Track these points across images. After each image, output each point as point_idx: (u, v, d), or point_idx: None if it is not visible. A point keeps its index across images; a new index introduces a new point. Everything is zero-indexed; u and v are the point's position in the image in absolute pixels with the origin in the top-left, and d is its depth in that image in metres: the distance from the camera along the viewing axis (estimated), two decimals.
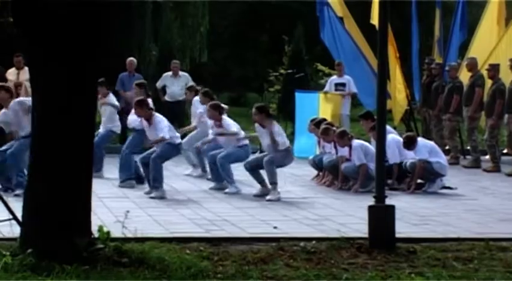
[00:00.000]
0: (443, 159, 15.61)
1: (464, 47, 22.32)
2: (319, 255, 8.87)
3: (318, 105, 20.47)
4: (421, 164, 15.16)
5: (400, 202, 11.02)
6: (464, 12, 22.25)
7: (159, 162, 14.49)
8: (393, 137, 15.97)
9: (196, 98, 17.54)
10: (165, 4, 27.70)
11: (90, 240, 8.44)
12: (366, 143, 15.68)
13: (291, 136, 19.68)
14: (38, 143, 8.72)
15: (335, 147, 15.64)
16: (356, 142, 15.56)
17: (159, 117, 14.94)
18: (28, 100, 11.95)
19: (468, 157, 19.69)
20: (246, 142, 15.51)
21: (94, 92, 8.96)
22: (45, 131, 8.63)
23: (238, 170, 15.34)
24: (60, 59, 8.47)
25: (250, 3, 34.93)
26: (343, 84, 21.45)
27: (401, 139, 15.83)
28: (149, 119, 14.84)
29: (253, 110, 14.98)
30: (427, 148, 15.55)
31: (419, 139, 16.08)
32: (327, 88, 22.02)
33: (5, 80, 21.48)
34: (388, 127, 15.88)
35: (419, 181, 15.34)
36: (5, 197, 10.55)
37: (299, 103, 20.59)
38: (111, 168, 16.47)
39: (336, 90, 21.51)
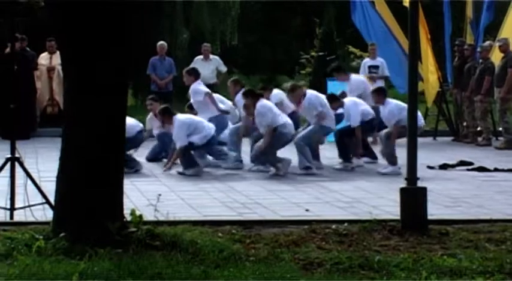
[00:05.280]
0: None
1: (496, 28, 22.22)
2: (351, 237, 8.86)
3: None
4: (397, 128, 15.20)
5: (432, 184, 11.00)
6: None
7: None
8: (354, 101, 16.37)
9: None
10: None
11: (123, 223, 8.45)
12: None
13: None
14: (69, 127, 8.74)
15: None
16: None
17: (178, 122, 15.28)
18: None
19: (500, 138, 19.62)
20: None
21: (124, 76, 8.94)
22: (77, 116, 8.66)
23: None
24: (89, 43, 8.48)
25: None
26: (377, 67, 21.38)
27: (362, 103, 16.31)
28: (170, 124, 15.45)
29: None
30: (397, 108, 15.54)
31: (390, 100, 16.18)
32: (361, 71, 21.97)
33: (37, 64, 21.68)
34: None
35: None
36: (37, 181, 10.69)
37: (331, 89, 20.51)
38: (143, 152, 16.52)
39: (370, 72, 21.48)
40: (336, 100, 16.18)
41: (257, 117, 15.11)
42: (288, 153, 15.51)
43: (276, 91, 17.22)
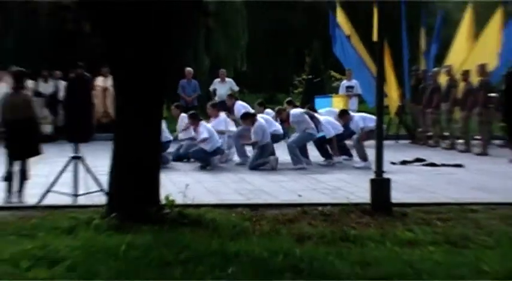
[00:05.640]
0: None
1: (442, 57, 22.27)
2: (333, 217, 8.86)
3: (331, 104, 20.62)
4: (364, 133, 15.41)
5: (395, 176, 11.00)
6: (439, 31, 22.30)
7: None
8: (328, 119, 16.41)
9: (239, 102, 17.77)
10: (215, 26, 27.69)
11: (159, 206, 8.49)
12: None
13: None
14: (118, 133, 8.78)
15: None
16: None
17: (201, 127, 15.49)
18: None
19: (446, 141, 19.62)
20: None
21: (160, 94, 8.96)
22: (124, 124, 8.69)
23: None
24: (133, 70, 8.50)
25: (279, 25, 34.90)
26: (352, 87, 21.48)
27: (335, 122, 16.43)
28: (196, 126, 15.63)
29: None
30: (361, 119, 15.86)
31: (354, 114, 16.65)
32: (340, 90, 22.15)
33: (94, 85, 21.71)
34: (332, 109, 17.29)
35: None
36: (94, 174, 10.71)
37: (318, 104, 20.53)
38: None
39: (347, 91, 21.60)
40: (345, 114, 16.56)
41: (253, 134, 15.45)
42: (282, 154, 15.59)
43: (268, 110, 17.40)
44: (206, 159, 15.21)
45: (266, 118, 16.29)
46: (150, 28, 8.37)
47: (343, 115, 16.54)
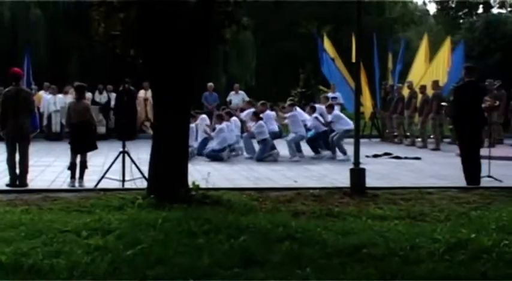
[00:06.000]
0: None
1: (405, 74, 22.26)
2: (321, 198, 8.85)
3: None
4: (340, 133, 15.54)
5: (368, 166, 10.98)
6: (402, 54, 22.28)
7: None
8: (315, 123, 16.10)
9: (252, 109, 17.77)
10: (231, 51, 27.59)
11: (187, 189, 8.48)
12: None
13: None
14: (156, 133, 8.77)
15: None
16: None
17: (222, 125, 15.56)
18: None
19: (408, 139, 19.59)
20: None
21: (188, 103, 8.91)
22: (161, 127, 8.68)
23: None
24: (168, 86, 8.49)
25: (280, 50, 34.85)
26: (336, 97, 21.30)
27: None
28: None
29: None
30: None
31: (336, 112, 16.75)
32: None
33: (137, 97, 21.74)
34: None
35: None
36: (138, 165, 10.71)
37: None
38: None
39: (332, 100, 21.39)
40: (330, 108, 16.65)
41: (254, 128, 15.46)
42: (282, 149, 15.53)
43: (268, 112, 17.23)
44: (216, 156, 15.11)
45: (268, 116, 16.23)
46: (180, 53, 8.36)
47: (330, 108, 16.51)
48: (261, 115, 15.96)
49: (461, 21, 40.34)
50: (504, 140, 19.78)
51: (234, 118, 16.83)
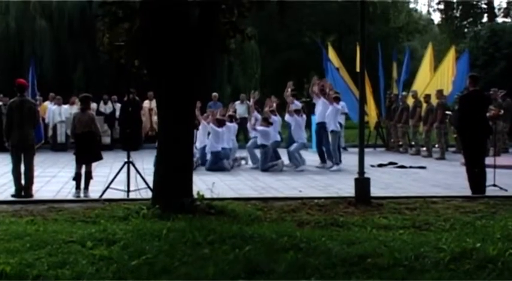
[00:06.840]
0: None
1: (410, 83, 22.27)
2: (326, 207, 8.84)
3: None
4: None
5: (373, 176, 10.97)
6: (407, 64, 22.27)
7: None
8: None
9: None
10: (235, 62, 27.62)
11: (192, 199, 8.46)
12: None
13: (310, 138, 19.61)
14: (161, 143, 8.77)
15: None
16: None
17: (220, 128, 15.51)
18: None
19: (413, 148, 19.58)
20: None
21: (192, 114, 8.94)
22: (165, 136, 8.69)
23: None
24: (172, 99, 8.49)
25: (284, 60, 34.91)
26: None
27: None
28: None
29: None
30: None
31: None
32: None
33: (142, 107, 21.81)
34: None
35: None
36: (142, 175, 10.72)
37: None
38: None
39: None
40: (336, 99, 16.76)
41: (259, 132, 15.50)
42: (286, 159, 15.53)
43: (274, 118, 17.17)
44: (218, 167, 15.06)
45: (275, 121, 16.20)
46: (184, 63, 8.40)
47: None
48: (270, 120, 15.90)
49: (465, 30, 40.34)
50: (509, 148, 19.76)
51: (233, 124, 16.80)
